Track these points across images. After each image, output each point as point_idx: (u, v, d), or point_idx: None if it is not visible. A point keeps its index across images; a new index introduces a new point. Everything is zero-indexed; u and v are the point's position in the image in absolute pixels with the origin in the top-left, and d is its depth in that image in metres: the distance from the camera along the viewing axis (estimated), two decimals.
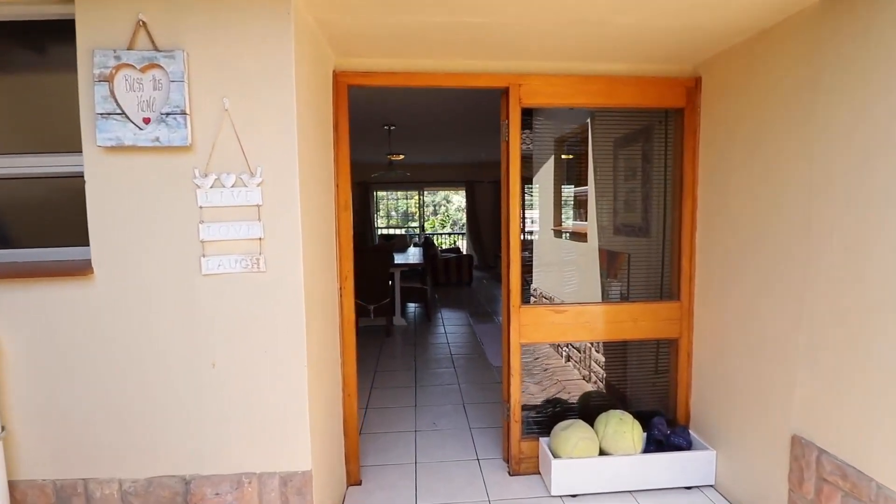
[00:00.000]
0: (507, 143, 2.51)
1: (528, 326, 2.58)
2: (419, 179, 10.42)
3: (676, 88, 2.56)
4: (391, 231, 11.63)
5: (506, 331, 2.62)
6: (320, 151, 2.12)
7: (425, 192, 11.68)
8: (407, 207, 12.30)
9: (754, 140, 2.13)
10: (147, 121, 1.66)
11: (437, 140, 7.08)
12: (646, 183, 3.03)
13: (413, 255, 7.55)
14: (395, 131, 6.01)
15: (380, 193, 11.36)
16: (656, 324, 2.66)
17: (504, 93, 2.51)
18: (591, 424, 2.58)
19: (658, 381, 2.89)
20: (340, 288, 2.46)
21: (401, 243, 9.63)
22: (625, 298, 3.19)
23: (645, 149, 3.03)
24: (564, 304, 2.72)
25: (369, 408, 3.54)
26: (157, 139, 1.66)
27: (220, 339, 1.74)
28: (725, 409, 2.38)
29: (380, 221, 11.65)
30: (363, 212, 10.49)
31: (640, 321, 2.66)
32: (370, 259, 5.35)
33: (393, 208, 12.45)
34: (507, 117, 2.49)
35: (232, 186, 1.70)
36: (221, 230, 1.71)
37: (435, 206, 16.31)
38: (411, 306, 7.07)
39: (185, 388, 1.75)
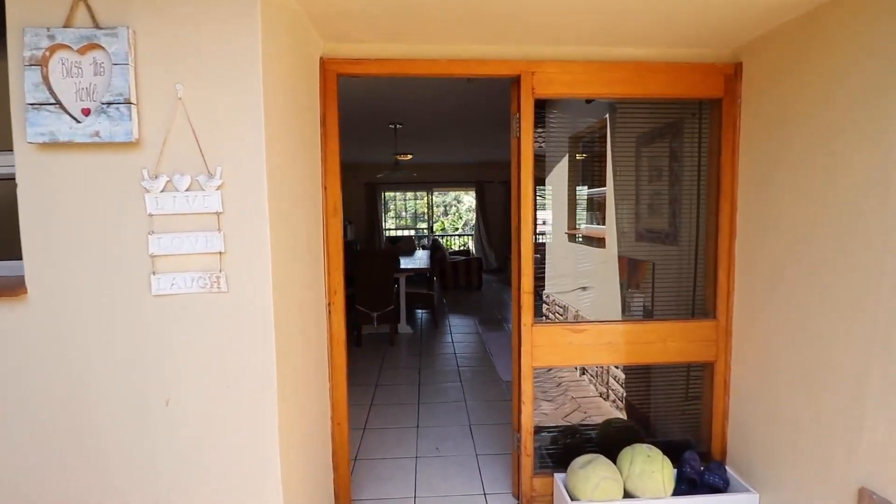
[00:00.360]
0: (519, 139, 2.20)
1: (541, 348, 2.27)
2: (428, 180, 10.12)
3: (713, 76, 2.23)
4: (401, 233, 11.34)
5: (516, 352, 2.31)
6: (301, 149, 1.83)
7: (435, 193, 11.37)
8: (416, 208, 12.00)
9: (814, 141, 1.79)
10: (87, 112, 1.39)
11: (446, 139, 6.80)
12: (674, 184, 2.71)
13: (420, 258, 7.25)
14: (401, 130, 5.75)
15: (388, 194, 11.08)
16: (688, 345, 2.33)
17: (515, 82, 2.20)
18: (613, 459, 2.27)
19: (688, 408, 2.57)
20: (329, 304, 2.17)
21: (408, 246, 9.32)
22: (649, 313, 2.87)
23: (673, 145, 2.70)
24: (583, 322, 2.41)
25: (367, 428, 3.26)
26: (97, 134, 1.38)
27: (174, 371, 1.46)
28: (771, 447, 2.05)
29: (389, 223, 11.38)
30: (371, 214, 10.23)
31: (669, 342, 2.33)
32: (373, 264, 5.09)
33: (403, 209, 12.16)
34: (519, 110, 2.18)
35: (187, 190, 1.42)
36: (175, 242, 1.43)
37: (445, 206, 16.00)
38: (418, 312, 6.78)
39: (134, 430, 1.47)
